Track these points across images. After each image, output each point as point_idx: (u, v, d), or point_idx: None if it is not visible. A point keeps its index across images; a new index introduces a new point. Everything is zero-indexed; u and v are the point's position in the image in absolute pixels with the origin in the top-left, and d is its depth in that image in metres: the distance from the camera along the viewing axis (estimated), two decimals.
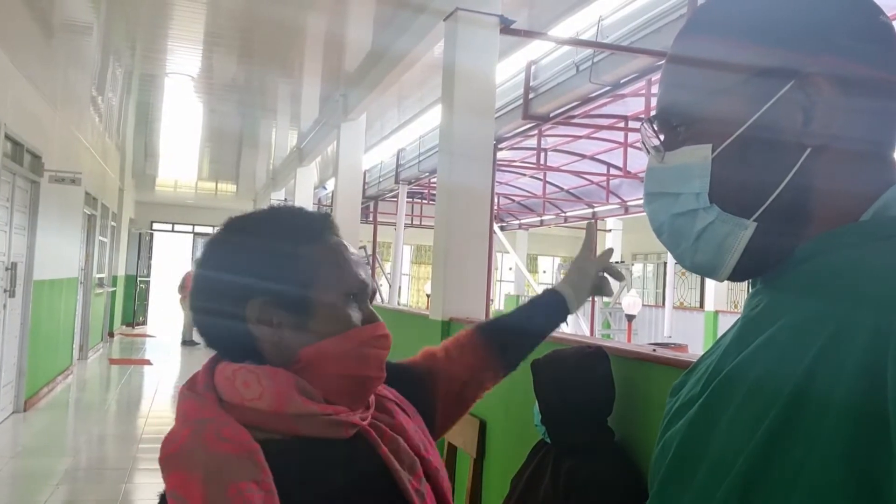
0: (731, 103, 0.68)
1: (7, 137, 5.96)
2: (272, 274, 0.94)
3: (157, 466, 0.88)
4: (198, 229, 18.29)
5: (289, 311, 0.94)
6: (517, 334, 1.44)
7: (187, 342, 13.56)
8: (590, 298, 2.04)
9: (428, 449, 1.05)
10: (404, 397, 1.14)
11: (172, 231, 18.39)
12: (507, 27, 3.94)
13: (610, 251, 1.70)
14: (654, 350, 2.07)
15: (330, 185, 11.97)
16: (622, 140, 8.20)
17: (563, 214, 13.49)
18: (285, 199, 12.40)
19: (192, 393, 0.94)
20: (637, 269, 17.27)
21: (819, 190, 0.67)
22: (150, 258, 17.54)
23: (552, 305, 1.49)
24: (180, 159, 11.98)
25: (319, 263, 0.96)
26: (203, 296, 0.99)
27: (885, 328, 0.54)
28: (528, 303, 1.52)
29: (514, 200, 13.49)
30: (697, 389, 0.72)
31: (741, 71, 0.68)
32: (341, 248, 1.00)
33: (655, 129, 0.76)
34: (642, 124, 0.77)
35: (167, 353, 12.71)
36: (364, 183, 11.02)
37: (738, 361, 0.66)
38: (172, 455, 0.86)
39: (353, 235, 6.86)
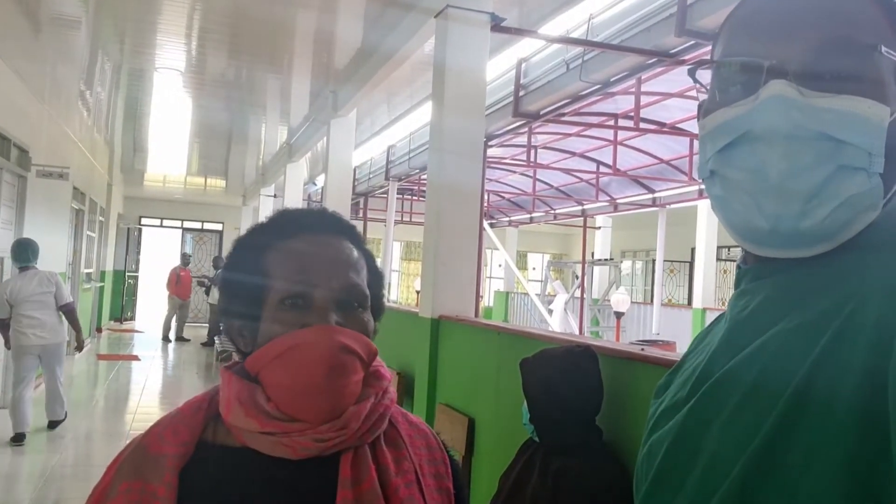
0: None
1: None
2: (239, 290, 0.93)
3: None
4: (186, 224, 18.20)
5: (247, 327, 0.92)
6: None
7: (166, 339, 13.52)
8: (579, 295, 2.04)
9: None
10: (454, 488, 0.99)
11: (161, 226, 18.29)
12: (497, 25, 3.94)
13: None
14: (643, 349, 2.07)
15: (320, 181, 11.94)
16: (612, 138, 8.22)
17: (552, 212, 13.52)
18: (275, 195, 12.35)
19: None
20: (626, 266, 17.32)
21: None
22: (138, 253, 17.46)
23: None
24: (169, 154, 11.90)
25: (266, 273, 0.91)
26: None
27: (886, 325, 0.53)
28: None
29: (503, 197, 13.49)
30: (684, 393, 0.70)
31: None
32: (286, 250, 0.92)
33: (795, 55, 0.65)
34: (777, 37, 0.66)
35: (155, 348, 12.65)
36: (354, 179, 11.00)
37: (733, 365, 0.64)
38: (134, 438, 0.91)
39: None
